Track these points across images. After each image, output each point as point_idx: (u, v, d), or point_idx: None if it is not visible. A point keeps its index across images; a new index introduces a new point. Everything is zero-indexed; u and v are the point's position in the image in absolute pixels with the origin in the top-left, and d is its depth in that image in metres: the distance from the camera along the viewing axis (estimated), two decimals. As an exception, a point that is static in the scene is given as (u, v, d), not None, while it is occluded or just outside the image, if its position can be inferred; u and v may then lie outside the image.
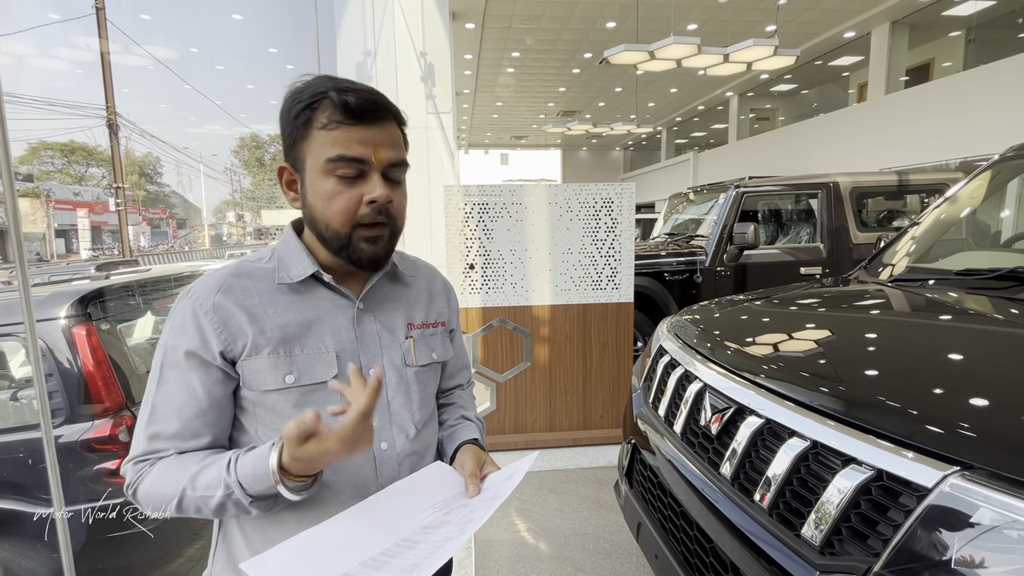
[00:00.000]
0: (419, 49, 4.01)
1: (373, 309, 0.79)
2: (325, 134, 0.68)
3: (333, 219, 0.70)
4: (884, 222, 4.60)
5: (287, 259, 0.76)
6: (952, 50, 10.01)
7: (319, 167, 0.69)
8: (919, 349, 1.15)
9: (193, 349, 0.69)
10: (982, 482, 0.71)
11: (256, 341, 0.70)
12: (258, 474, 0.63)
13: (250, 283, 0.73)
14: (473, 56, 11.22)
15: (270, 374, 0.70)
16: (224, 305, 0.70)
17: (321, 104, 0.68)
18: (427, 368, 0.83)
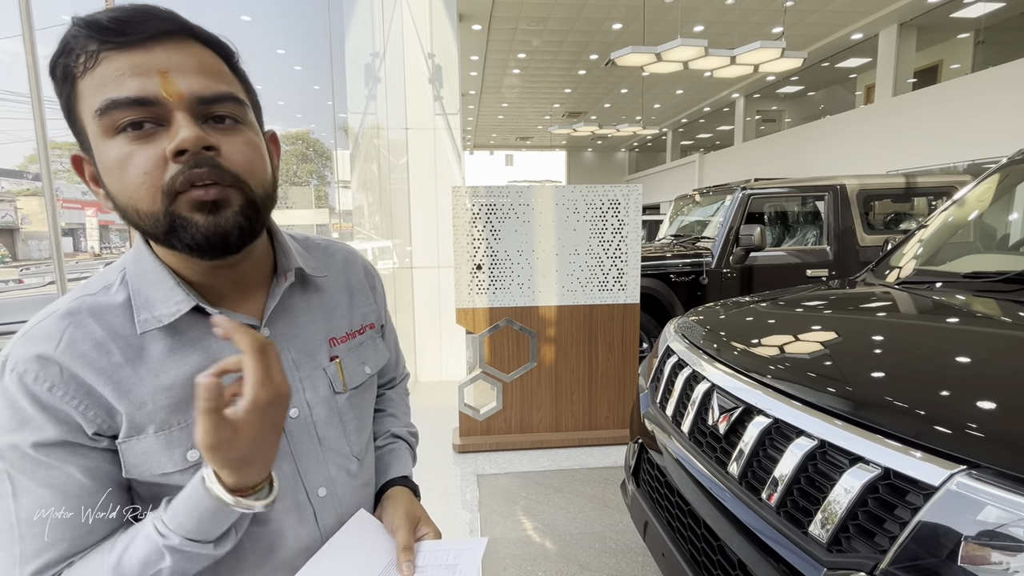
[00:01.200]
0: (427, 51, 4.04)
1: (283, 334, 0.61)
2: (89, 80, 0.46)
3: (136, 194, 0.48)
4: (891, 225, 4.59)
5: (145, 289, 0.53)
6: (961, 52, 9.96)
7: (95, 129, 0.47)
8: (926, 351, 1.16)
9: (55, 439, 0.48)
10: (988, 481, 0.72)
11: (134, 419, 0.51)
12: (204, 513, 0.48)
13: (100, 333, 0.51)
14: (479, 57, 11.26)
15: (163, 455, 0.52)
16: (74, 374, 0.49)
17: (74, 43, 0.46)
18: (360, 387, 0.68)
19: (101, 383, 0.50)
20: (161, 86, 0.46)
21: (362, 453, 0.68)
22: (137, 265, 0.55)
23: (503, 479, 2.78)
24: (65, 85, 0.48)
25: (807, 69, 11.63)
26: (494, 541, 2.22)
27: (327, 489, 0.63)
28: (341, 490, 0.65)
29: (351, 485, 0.66)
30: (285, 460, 0.59)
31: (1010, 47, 9.31)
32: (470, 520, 2.39)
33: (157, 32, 0.47)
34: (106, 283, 0.54)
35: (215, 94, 0.49)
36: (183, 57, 0.48)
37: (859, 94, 12.22)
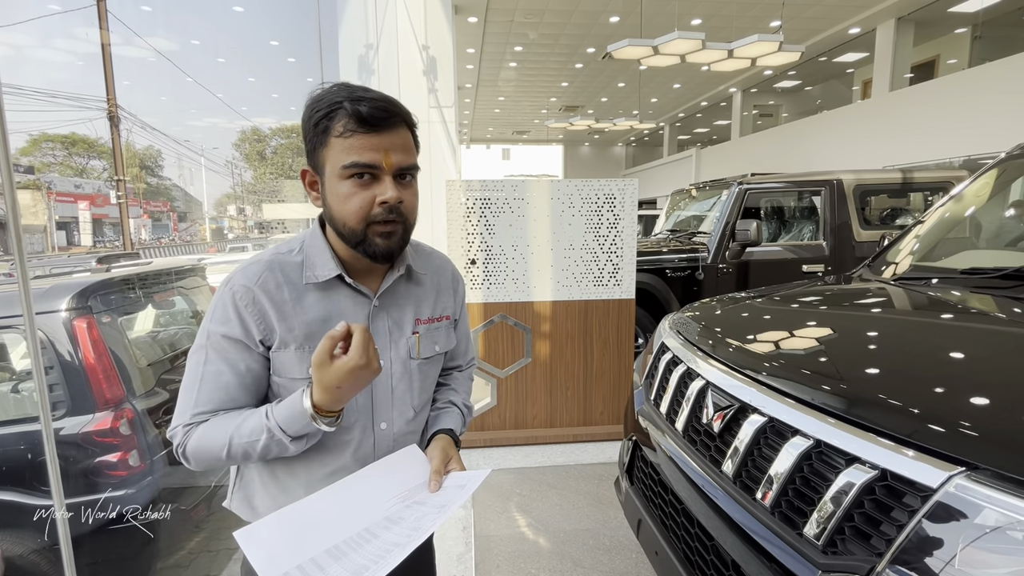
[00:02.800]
0: (421, 43, 3.99)
1: (387, 307, 0.88)
2: (341, 142, 0.75)
3: (349, 218, 0.78)
4: (887, 220, 4.58)
5: (313, 257, 0.83)
6: (958, 47, 9.94)
7: (336, 172, 0.76)
8: (923, 348, 1.15)
9: (237, 336, 0.79)
10: (987, 483, 0.70)
11: (284, 337, 0.80)
12: (294, 415, 0.74)
13: (282, 278, 0.81)
14: (475, 50, 11.16)
15: (296, 366, 0.80)
16: (260, 301, 0.79)
17: (337, 114, 0.75)
18: (430, 360, 0.93)
19: (273, 310, 0.79)
20: (383, 160, 0.76)
21: (419, 408, 0.92)
22: (312, 241, 0.84)
23: (497, 475, 2.76)
24: (318, 133, 0.76)
25: (804, 64, 11.59)
26: (487, 539, 2.21)
27: (387, 424, 0.87)
28: (397, 429, 0.88)
29: (404, 428, 0.89)
30: (364, 395, 0.84)
31: (1007, 42, 9.29)
32: (463, 517, 2.37)
33: (389, 124, 0.76)
34: (291, 248, 0.84)
35: (408, 166, 0.79)
36: (397, 139, 0.78)
37: (856, 89, 12.19)
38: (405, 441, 0.90)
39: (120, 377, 2.06)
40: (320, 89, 0.78)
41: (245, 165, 35.52)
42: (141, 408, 2.08)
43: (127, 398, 2.05)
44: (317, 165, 0.79)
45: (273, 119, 11.85)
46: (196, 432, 0.78)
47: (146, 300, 2.63)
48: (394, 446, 0.88)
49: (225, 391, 0.79)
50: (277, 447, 0.76)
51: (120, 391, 2.04)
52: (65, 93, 37.58)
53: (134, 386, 2.12)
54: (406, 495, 0.81)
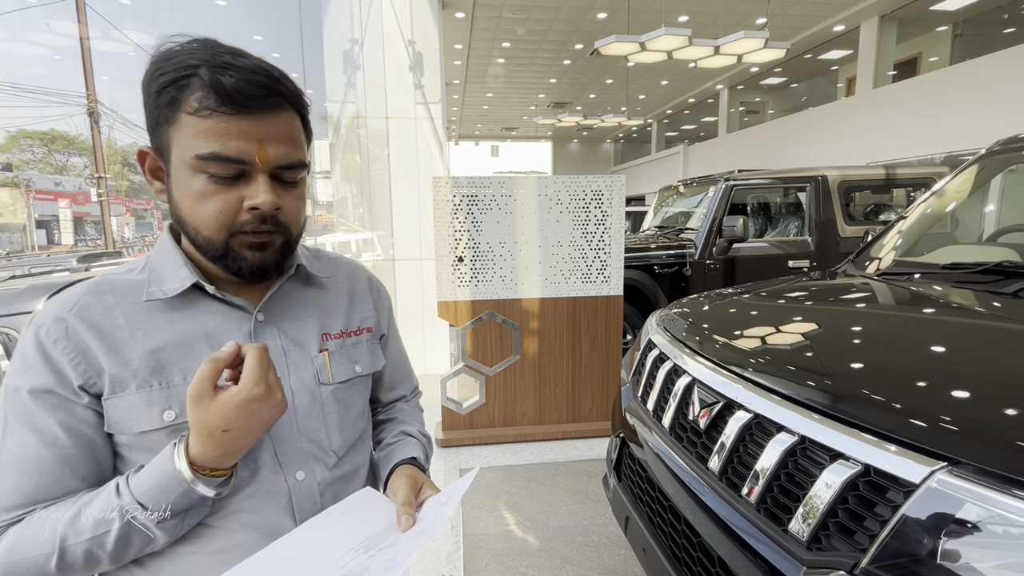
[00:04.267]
0: (407, 38, 3.95)
1: (276, 320, 0.67)
2: (196, 122, 0.55)
3: (204, 224, 0.57)
4: (871, 216, 4.64)
5: (161, 269, 0.62)
6: (939, 45, 10.09)
7: (187, 161, 0.56)
8: (906, 343, 1.15)
9: (45, 387, 0.55)
10: (969, 477, 0.71)
11: (118, 375, 0.57)
12: (162, 483, 0.52)
13: (112, 300, 0.59)
14: (463, 46, 11.10)
15: (143, 412, 0.57)
16: (77, 332, 0.57)
17: (191, 82, 0.54)
18: (349, 384, 0.71)
19: (96, 342, 0.57)
20: (257, 153, 0.56)
21: (343, 450, 0.70)
22: (159, 250, 0.64)
23: (486, 473, 2.76)
24: (162, 107, 0.56)
25: (790, 61, 11.70)
26: (476, 537, 2.20)
27: (306, 474, 0.65)
28: (320, 479, 0.66)
29: (329, 476, 0.67)
30: (264, 445, 0.62)
31: (987, 40, 9.45)
32: (452, 516, 2.36)
33: (261, 106, 0.56)
34: (132, 266, 0.65)
35: (292, 162, 0.60)
36: (277, 127, 0.58)
37: (840, 86, 12.32)
38: (333, 494, 0.67)
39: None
40: (172, 42, 0.57)
41: (230, 162, 34.72)
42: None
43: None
44: (161, 146, 0.58)
45: None
46: (11, 535, 0.53)
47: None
48: (321, 503, 0.65)
49: (38, 473, 0.54)
50: (139, 538, 0.53)
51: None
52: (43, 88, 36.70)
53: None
54: (366, 544, 0.60)
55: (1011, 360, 0.98)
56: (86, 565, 0.53)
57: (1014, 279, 1.34)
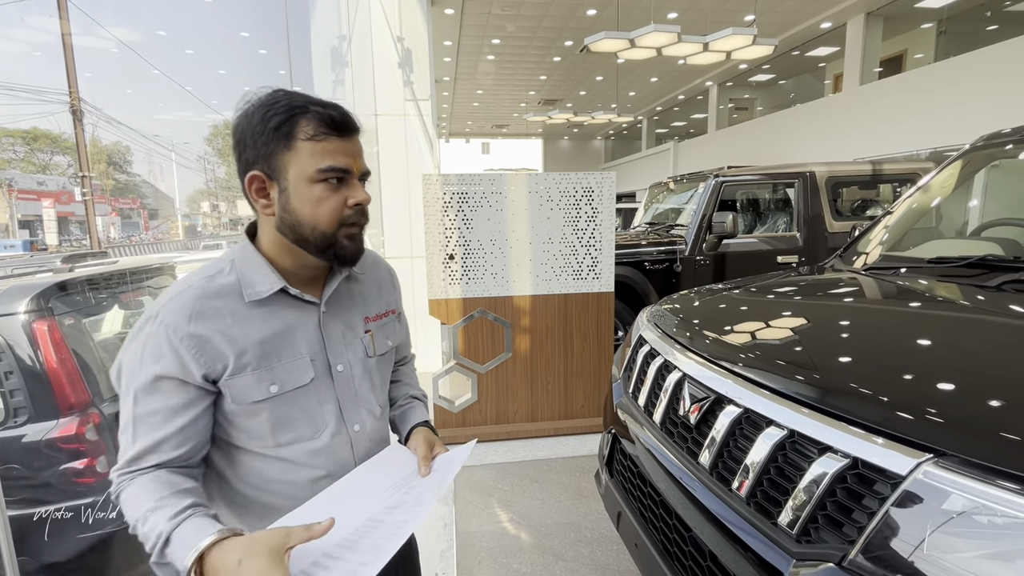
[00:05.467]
0: (396, 34, 3.92)
1: (335, 311, 0.85)
2: (312, 145, 0.74)
3: (321, 221, 0.76)
4: (858, 211, 4.69)
5: (250, 274, 0.78)
6: (924, 42, 10.21)
7: (307, 175, 0.74)
8: (892, 337, 1.17)
9: (172, 374, 0.72)
10: (954, 469, 0.72)
11: (239, 362, 0.75)
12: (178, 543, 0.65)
13: (220, 304, 0.75)
14: (453, 43, 11.04)
15: (254, 388, 0.76)
16: (199, 333, 0.73)
17: (304, 118, 0.73)
18: (385, 355, 0.93)
19: (217, 337, 0.73)
20: (355, 164, 0.77)
21: (383, 404, 0.93)
22: (244, 258, 0.79)
23: (479, 471, 2.76)
24: (278, 136, 0.73)
25: (778, 58, 11.77)
26: (469, 535, 2.20)
27: (360, 426, 0.87)
28: (370, 428, 0.88)
29: (375, 426, 0.90)
30: (331, 403, 0.83)
31: (970, 37, 9.57)
32: (445, 514, 2.36)
33: (353, 132, 0.78)
34: (220, 268, 0.78)
35: (367, 171, 0.81)
36: (358, 145, 0.79)
37: (828, 83, 12.43)
38: (379, 439, 0.91)
39: (85, 381, 1.99)
40: (264, 94, 0.75)
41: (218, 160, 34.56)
42: (109, 412, 2.02)
43: (93, 402, 1.98)
44: (274, 170, 0.74)
45: None
46: (127, 488, 0.71)
47: (112, 300, 2.54)
48: (370, 447, 0.88)
49: (163, 433, 0.72)
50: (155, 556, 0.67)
51: (85, 395, 1.97)
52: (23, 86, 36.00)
53: (101, 389, 2.05)
54: (399, 484, 0.83)
55: (994, 353, 1.00)
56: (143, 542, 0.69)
57: (997, 272, 1.36)
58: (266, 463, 0.79)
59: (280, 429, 0.78)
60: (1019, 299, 1.22)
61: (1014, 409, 0.79)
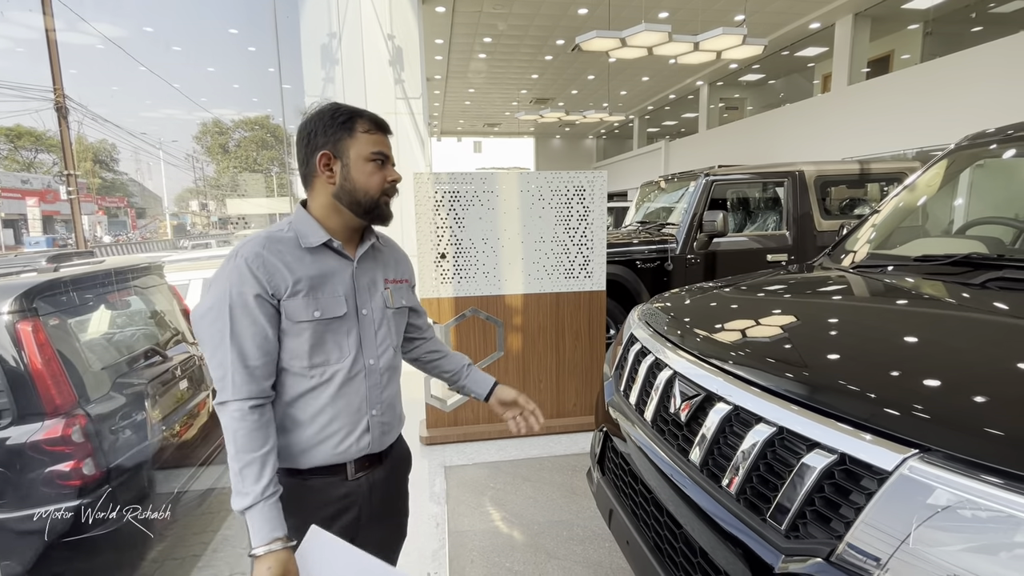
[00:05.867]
0: (387, 32, 3.90)
1: (364, 268, 1.10)
2: (368, 136, 1.03)
3: (372, 188, 1.04)
4: (846, 210, 4.74)
5: (304, 229, 1.03)
6: (910, 43, 10.32)
7: (364, 156, 1.03)
8: (880, 334, 1.18)
9: (258, 292, 0.96)
10: (939, 464, 0.73)
11: (295, 287, 0.99)
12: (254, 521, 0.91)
13: (281, 247, 1.00)
14: (444, 41, 11.01)
15: (303, 310, 0.99)
16: (270, 260, 0.97)
17: (360, 119, 1.04)
18: (399, 311, 1.18)
19: (282, 266, 0.98)
20: (390, 153, 1.07)
21: (396, 346, 1.16)
22: (300, 219, 1.05)
23: (471, 470, 2.75)
24: (345, 128, 1.02)
25: (768, 57, 11.86)
26: (461, 534, 2.20)
27: (374, 361, 1.09)
28: (382, 364, 1.11)
29: (388, 363, 1.12)
30: (355, 337, 1.06)
31: (956, 38, 9.69)
32: (437, 513, 2.36)
33: (389, 132, 1.08)
34: (280, 228, 1.04)
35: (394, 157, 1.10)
36: (391, 141, 1.09)
37: (816, 83, 12.54)
38: (389, 375, 1.13)
39: (71, 382, 1.96)
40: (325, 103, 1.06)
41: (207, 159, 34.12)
42: (96, 414, 1.99)
43: (79, 404, 1.95)
44: (338, 151, 1.02)
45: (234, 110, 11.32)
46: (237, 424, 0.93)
47: (99, 301, 2.50)
48: (380, 380, 1.10)
49: (262, 353, 0.96)
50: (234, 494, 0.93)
51: (71, 397, 1.94)
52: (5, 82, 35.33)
53: (87, 391, 2.02)
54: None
55: (978, 349, 1.01)
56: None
57: (981, 270, 1.38)
58: (299, 381, 1.01)
59: (315, 350, 1.01)
60: (1002, 296, 1.24)
61: (998, 405, 0.80)
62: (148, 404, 2.31)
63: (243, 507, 0.90)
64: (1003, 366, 0.93)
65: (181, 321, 3.01)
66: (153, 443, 2.25)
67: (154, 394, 2.36)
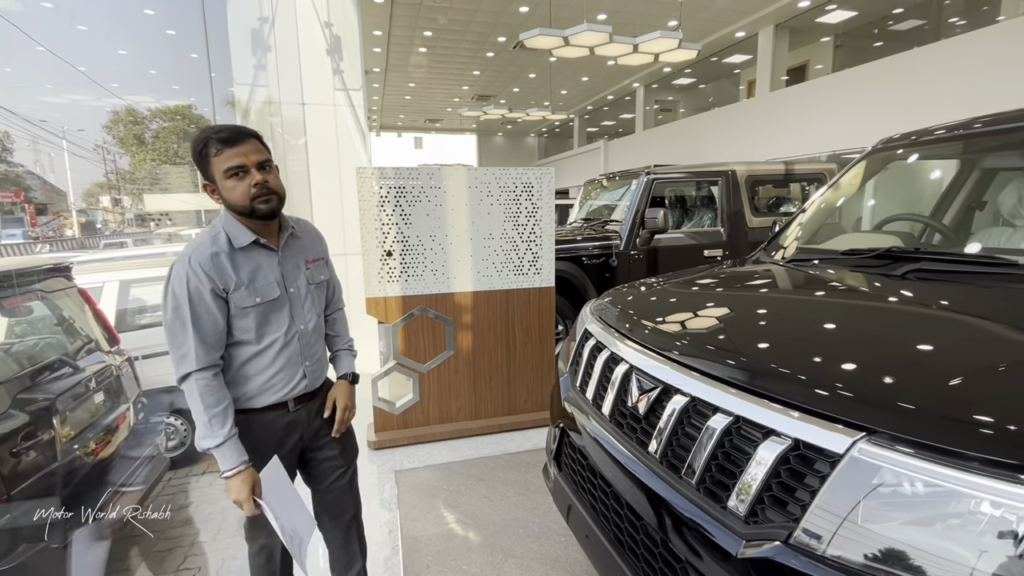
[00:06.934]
0: (323, 19, 3.72)
1: (287, 255, 1.37)
2: (218, 159, 1.23)
3: (239, 200, 1.25)
4: (773, 208, 5.05)
5: (234, 232, 1.28)
6: (823, 54, 11.18)
7: (222, 175, 1.24)
8: (822, 324, 1.25)
9: (212, 288, 1.22)
10: (884, 445, 0.77)
11: (238, 282, 1.26)
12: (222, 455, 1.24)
13: (222, 252, 1.25)
14: (383, 32, 10.70)
15: (247, 298, 1.27)
16: (219, 263, 1.24)
17: (209, 142, 1.23)
18: (319, 285, 1.46)
19: (228, 268, 1.24)
20: (247, 160, 1.23)
21: (320, 313, 1.46)
22: (228, 223, 1.28)
23: (422, 473, 2.69)
24: (203, 159, 1.23)
25: (698, 63, 12.43)
26: (415, 540, 2.14)
27: (304, 326, 1.38)
28: (310, 328, 1.40)
29: (313, 327, 1.42)
30: (287, 311, 1.35)
31: (861, 51, 10.61)
32: (389, 519, 2.28)
33: (241, 139, 1.24)
34: (216, 231, 1.27)
35: (263, 160, 1.27)
36: (250, 147, 1.24)
37: (742, 88, 13.31)
38: (316, 336, 1.44)
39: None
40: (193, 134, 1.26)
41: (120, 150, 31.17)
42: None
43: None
44: (211, 177, 1.25)
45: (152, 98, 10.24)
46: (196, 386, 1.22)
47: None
48: (309, 339, 1.41)
49: (215, 333, 1.25)
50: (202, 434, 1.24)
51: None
52: None
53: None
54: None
55: (903, 334, 1.09)
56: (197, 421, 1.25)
57: (901, 263, 1.50)
58: (248, 348, 1.31)
59: (261, 326, 1.31)
60: (922, 286, 1.35)
61: (931, 385, 0.87)
62: (57, 421, 2.07)
63: (215, 445, 1.22)
64: (933, 351, 1.01)
65: (95, 328, 2.73)
66: (63, 464, 2.03)
67: (64, 410, 2.12)
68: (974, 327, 1.08)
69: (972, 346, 0.99)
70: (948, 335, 1.06)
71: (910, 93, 7.30)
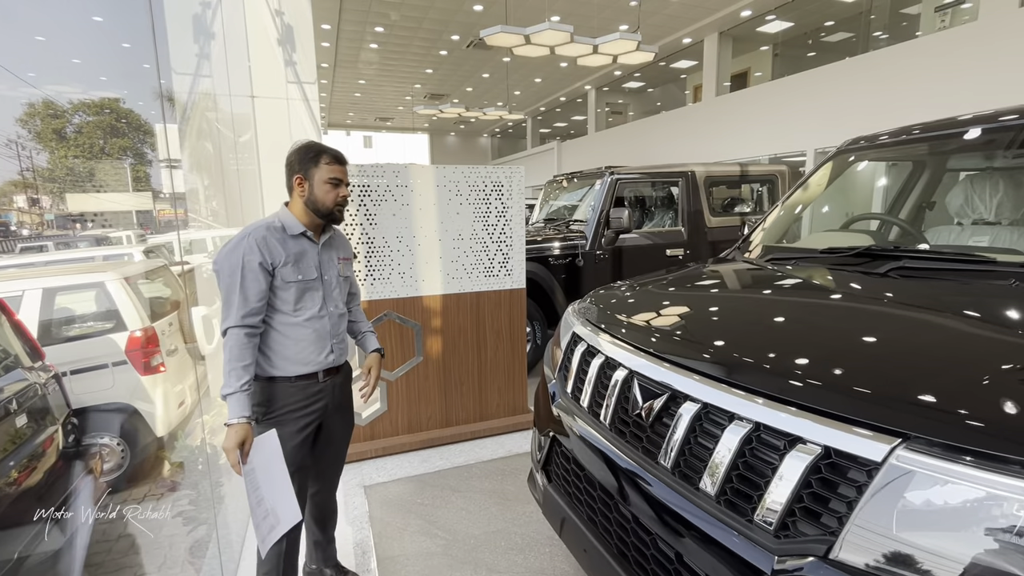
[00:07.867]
0: (274, 7, 3.48)
1: (325, 249, 1.64)
2: (328, 167, 1.56)
3: (328, 202, 1.57)
4: (728, 208, 5.20)
5: (287, 221, 1.55)
6: (763, 62, 11.73)
7: (324, 179, 1.55)
8: (823, 325, 1.24)
9: (261, 262, 1.47)
10: (923, 451, 0.75)
11: (286, 259, 1.52)
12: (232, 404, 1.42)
13: (276, 233, 1.53)
14: (332, 27, 10.30)
15: (291, 274, 1.52)
16: (269, 240, 1.50)
17: (324, 154, 1.57)
18: (346, 279, 1.73)
19: (276, 245, 1.53)
20: (345, 178, 1.63)
21: (344, 301, 1.72)
22: (284, 214, 1.59)
23: (394, 487, 2.55)
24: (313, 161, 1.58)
25: (647, 67, 12.76)
26: (391, 560, 2.01)
27: (333, 308, 1.65)
28: (338, 311, 1.67)
29: (340, 311, 1.68)
30: (320, 292, 1.61)
31: (797, 61, 11.22)
32: (361, 539, 2.14)
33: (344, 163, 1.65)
34: (272, 219, 1.57)
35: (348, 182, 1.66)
36: (346, 169, 1.65)
37: (688, 93, 13.78)
38: (340, 319, 1.68)
39: None
40: (304, 141, 1.59)
41: (38, 146, 28.44)
42: None
43: None
44: (307, 174, 1.55)
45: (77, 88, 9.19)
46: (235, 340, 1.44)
47: None
48: (336, 321, 1.65)
49: (258, 299, 1.46)
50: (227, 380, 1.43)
51: None
52: None
53: None
54: None
55: (916, 335, 1.09)
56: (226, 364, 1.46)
57: (880, 260, 1.53)
58: (287, 318, 1.54)
59: (299, 300, 1.55)
60: (906, 283, 1.37)
61: (966, 387, 0.85)
62: (-32, 452, 1.80)
63: (227, 393, 1.40)
64: (950, 351, 1.00)
65: (13, 341, 2.41)
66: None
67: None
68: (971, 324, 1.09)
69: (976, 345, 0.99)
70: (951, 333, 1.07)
71: (843, 100, 7.76)
